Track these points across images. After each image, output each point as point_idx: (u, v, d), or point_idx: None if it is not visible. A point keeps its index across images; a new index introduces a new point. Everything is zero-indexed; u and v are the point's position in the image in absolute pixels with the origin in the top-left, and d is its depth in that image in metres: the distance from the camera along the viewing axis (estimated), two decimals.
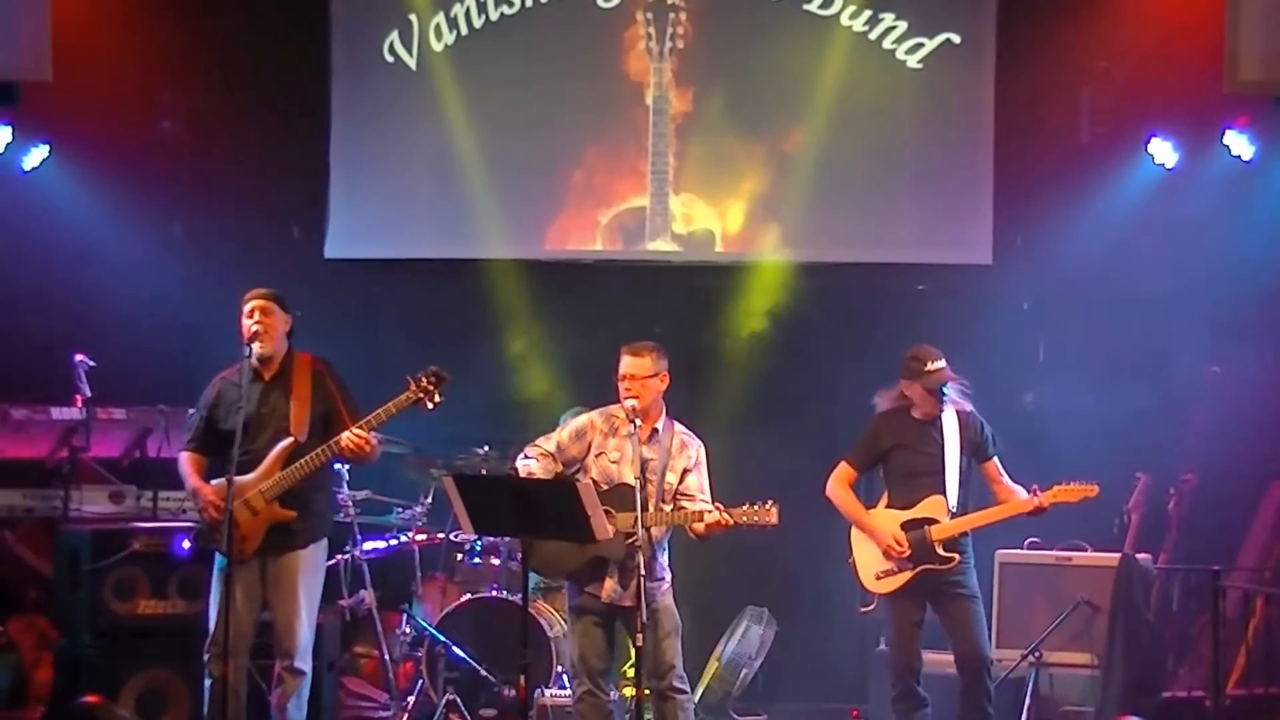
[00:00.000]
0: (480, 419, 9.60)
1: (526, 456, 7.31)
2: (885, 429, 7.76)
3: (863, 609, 7.79)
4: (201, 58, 9.93)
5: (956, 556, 7.53)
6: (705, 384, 9.70)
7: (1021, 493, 7.65)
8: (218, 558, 7.21)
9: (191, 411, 7.60)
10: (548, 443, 7.31)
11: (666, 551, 7.25)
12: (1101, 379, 9.56)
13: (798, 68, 10.04)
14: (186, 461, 7.39)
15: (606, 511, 6.88)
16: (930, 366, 7.60)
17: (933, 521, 7.55)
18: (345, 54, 10.16)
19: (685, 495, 7.13)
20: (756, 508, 6.94)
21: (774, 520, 6.92)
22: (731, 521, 6.95)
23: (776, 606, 9.58)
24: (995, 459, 7.74)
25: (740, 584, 9.39)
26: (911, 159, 10.13)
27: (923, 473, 7.62)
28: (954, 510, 7.57)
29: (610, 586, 7.07)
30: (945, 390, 7.63)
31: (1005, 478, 7.72)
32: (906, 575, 7.57)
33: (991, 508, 7.67)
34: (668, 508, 7.08)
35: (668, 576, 7.24)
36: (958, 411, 7.69)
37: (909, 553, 7.52)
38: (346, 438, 7.11)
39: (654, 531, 7.06)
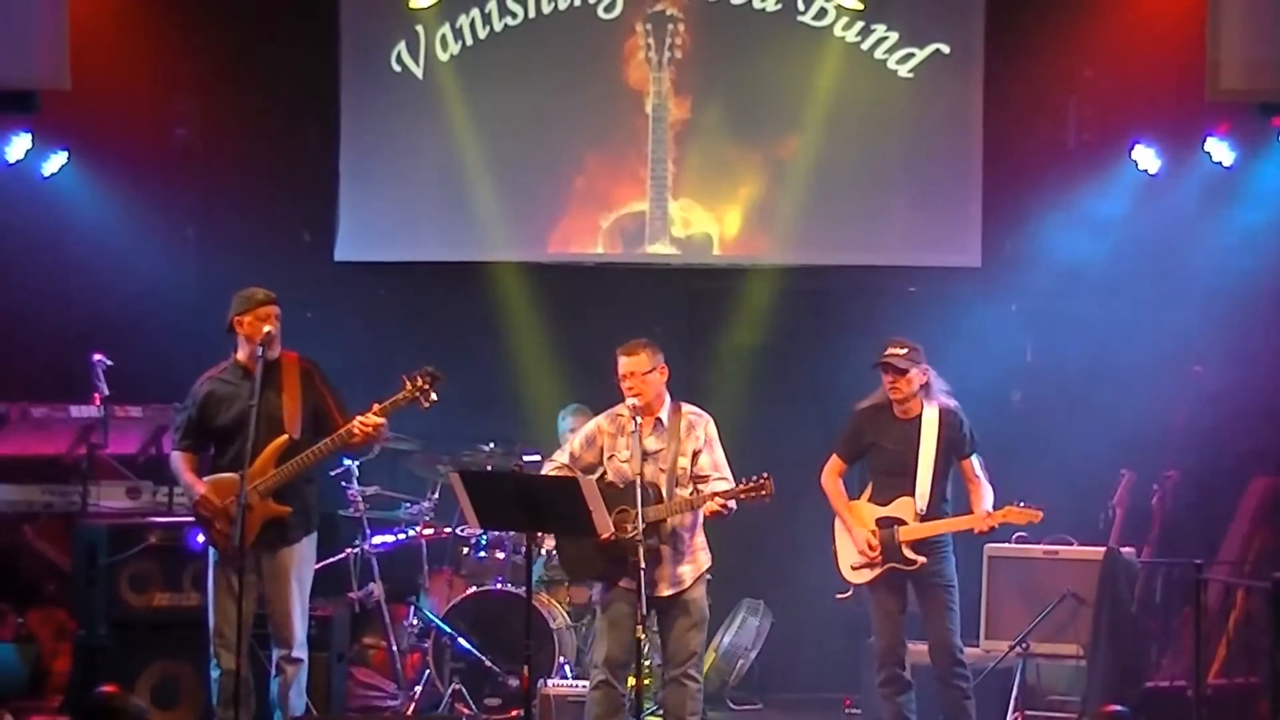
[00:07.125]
0: (485, 417, 9.76)
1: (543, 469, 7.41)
2: (865, 423, 7.82)
3: (839, 596, 7.89)
4: (215, 67, 10.01)
5: (922, 560, 7.59)
6: (701, 384, 9.67)
7: (989, 493, 7.70)
8: (212, 552, 7.34)
9: (178, 409, 7.69)
10: (561, 455, 7.38)
11: (699, 532, 7.23)
12: (1087, 379, 9.70)
13: (792, 77, 10.13)
14: (181, 460, 7.46)
15: (623, 509, 6.98)
16: (886, 351, 7.67)
17: (902, 522, 7.64)
18: (354, 64, 10.23)
19: (701, 477, 7.15)
20: (752, 482, 6.98)
21: (770, 492, 6.93)
22: (724, 502, 6.97)
23: (772, 599, 9.72)
24: (972, 457, 7.75)
25: (737, 577, 9.35)
26: (903, 165, 10.21)
27: (896, 472, 7.68)
28: (922, 512, 7.62)
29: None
30: (892, 366, 7.61)
31: (981, 478, 7.74)
32: (877, 570, 7.65)
33: (952, 518, 7.71)
34: (685, 492, 7.09)
35: (703, 559, 7.24)
36: (940, 408, 7.71)
37: (879, 555, 7.64)
38: (359, 425, 7.16)
39: (672, 520, 7.09)
